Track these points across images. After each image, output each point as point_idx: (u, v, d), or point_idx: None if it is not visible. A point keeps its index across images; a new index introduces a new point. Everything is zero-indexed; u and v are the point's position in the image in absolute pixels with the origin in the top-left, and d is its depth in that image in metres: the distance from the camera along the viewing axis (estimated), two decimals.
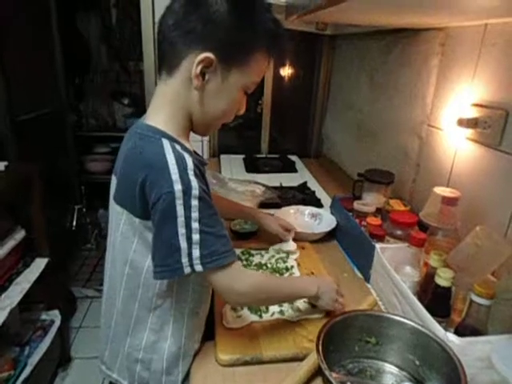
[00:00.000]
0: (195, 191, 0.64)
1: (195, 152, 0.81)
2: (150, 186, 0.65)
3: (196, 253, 0.65)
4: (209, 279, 0.71)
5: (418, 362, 0.72)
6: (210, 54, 0.67)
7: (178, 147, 0.68)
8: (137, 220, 0.70)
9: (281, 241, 1.18)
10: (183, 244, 0.65)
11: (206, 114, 0.74)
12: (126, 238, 0.74)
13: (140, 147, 0.69)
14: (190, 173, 0.65)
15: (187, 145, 0.74)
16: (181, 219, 0.64)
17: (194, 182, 0.65)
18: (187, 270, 0.66)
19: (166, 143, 0.67)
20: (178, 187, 0.63)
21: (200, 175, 0.68)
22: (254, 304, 0.88)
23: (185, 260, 0.65)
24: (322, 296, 0.85)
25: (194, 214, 0.64)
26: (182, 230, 0.64)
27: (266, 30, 0.71)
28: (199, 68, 0.68)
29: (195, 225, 0.65)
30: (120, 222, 0.74)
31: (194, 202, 0.64)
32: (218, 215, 0.70)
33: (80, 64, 2.89)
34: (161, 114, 0.73)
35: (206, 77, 0.69)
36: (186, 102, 0.72)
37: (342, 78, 2.07)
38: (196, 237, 0.65)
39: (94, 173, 2.83)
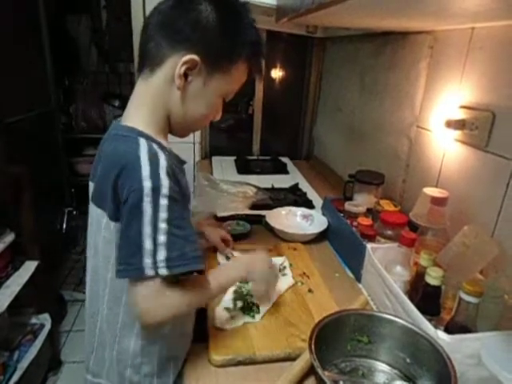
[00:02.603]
0: (165, 190, 0.63)
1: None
2: (122, 185, 0.64)
3: (161, 255, 0.62)
4: (143, 287, 0.64)
5: (409, 360, 0.73)
6: (195, 57, 0.68)
7: (154, 146, 0.68)
8: (112, 223, 0.68)
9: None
10: (147, 244, 0.62)
11: (185, 115, 0.74)
12: (108, 242, 0.71)
13: (116, 147, 0.69)
14: (162, 171, 0.64)
15: (165, 144, 0.74)
16: (147, 218, 0.62)
17: (165, 181, 0.63)
18: (149, 271, 0.62)
19: (142, 142, 0.67)
20: (147, 184, 0.62)
21: (173, 175, 0.66)
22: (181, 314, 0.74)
23: (148, 261, 0.62)
24: (253, 279, 0.87)
25: (163, 214, 0.63)
26: (147, 229, 0.62)
27: (250, 41, 0.73)
28: (183, 68, 0.68)
29: (162, 225, 0.63)
30: (101, 226, 0.72)
31: (163, 201, 0.63)
32: (189, 219, 0.69)
33: (70, 66, 2.87)
34: (139, 113, 0.73)
35: (189, 78, 0.70)
36: (166, 100, 0.72)
37: (332, 80, 2.09)
38: (162, 238, 0.62)
39: (84, 175, 2.81)
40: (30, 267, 1.62)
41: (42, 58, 2.30)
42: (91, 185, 0.78)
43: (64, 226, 2.59)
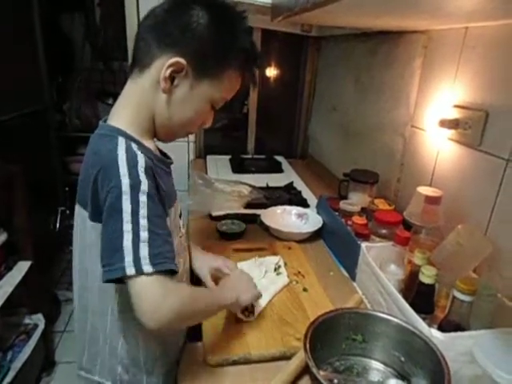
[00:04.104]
0: (144, 186, 0.62)
1: (161, 152, 0.80)
2: (101, 183, 0.63)
3: (144, 251, 0.59)
4: (137, 288, 0.59)
5: (403, 359, 0.73)
6: (181, 60, 0.68)
7: (133, 145, 0.67)
8: (90, 224, 0.68)
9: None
10: (127, 242, 0.59)
11: (170, 119, 0.73)
12: (94, 241, 0.70)
13: (97, 147, 0.69)
14: (141, 170, 0.63)
15: (149, 144, 0.73)
16: (126, 214, 0.60)
17: (143, 178, 0.63)
18: (130, 270, 0.58)
19: (121, 141, 0.66)
20: (125, 181, 0.61)
21: (152, 176, 0.66)
22: (183, 324, 0.75)
23: (129, 259, 0.59)
24: (240, 298, 0.81)
25: (142, 211, 0.61)
26: (127, 227, 0.60)
27: (243, 50, 0.73)
28: (168, 71, 0.68)
29: (143, 221, 0.60)
30: (87, 226, 0.71)
31: (143, 198, 0.61)
32: (166, 221, 0.68)
33: (63, 64, 2.85)
34: (124, 113, 0.72)
35: (176, 81, 0.70)
36: (152, 102, 0.72)
37: (327, 79, 2.09)
38: (144, 234, 0.60)
39: (77, 174, 2.74)
40: (23, 267, 1.60)
41: (36, 55, 2.27)
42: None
43: (57, 225, 2.57)
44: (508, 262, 0.85)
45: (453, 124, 1.00)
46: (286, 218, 1.38)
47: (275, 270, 1.07)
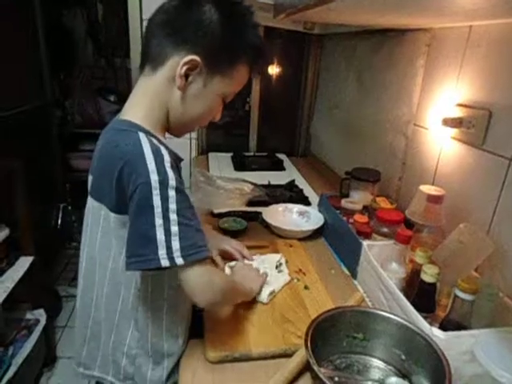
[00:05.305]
0: (172, 182, 0.64)
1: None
2: (127, 177, 0.64)
3: (176, 245, 0.63)
4: (184, 275, 0.66)
5: (403, 357, 0.73)
6: (196, 57, 0.69)
7: (154, 140, 0.68)
8: (112, 215, 0.70)
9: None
10: (160, 236, 0.62)
11: (183, 114, 0.75)
12: (106, 233, 0.73)
13: (116, 141, 0.70)
14: (167, 165, 0.65)
15: (163, 140, 0.74)
16: (158, 210, 0.63)
17: (171, 173, 0.65)
18: (165, 262, 0.63)
19: (142, 136, 0.68)
20: (154, 177, 0.63)
21: (176, 168, 0.68)
22: (222, 304, 0.83)
23: (162, 252, 0.62)
24: (253, 288, 0.91)
25: (172, 206, 0.63)
26: (159, 221, 0.63)
27: (252, 45, 0.75)
28: (184, 69, 0.69)
29: (173, 216, 0.63)
30: (100, 218, 0.73)
31: (172, 193, 0.64)
32: (195, 210, 0.70)
33: (65, 60, 2.84)
34: (139, 109, 0.73)
35: (190, 78, 0.71)
36: (166, 99, 0.73)
37: (329, 77, 2.08)
38: (175, 228, 0.63)
39: (79, 170, 2.77)
40: (24, 263, 1.61)
41: (37, 52, 2.27)
42: (90, 178, 0.78)
43: (59, 221, 2.58)
44: (510, 262, 0.85)
45: (456, 123, 1.00)
46: (287, 216, 1.38)
47: (276, 267, 1.07)
